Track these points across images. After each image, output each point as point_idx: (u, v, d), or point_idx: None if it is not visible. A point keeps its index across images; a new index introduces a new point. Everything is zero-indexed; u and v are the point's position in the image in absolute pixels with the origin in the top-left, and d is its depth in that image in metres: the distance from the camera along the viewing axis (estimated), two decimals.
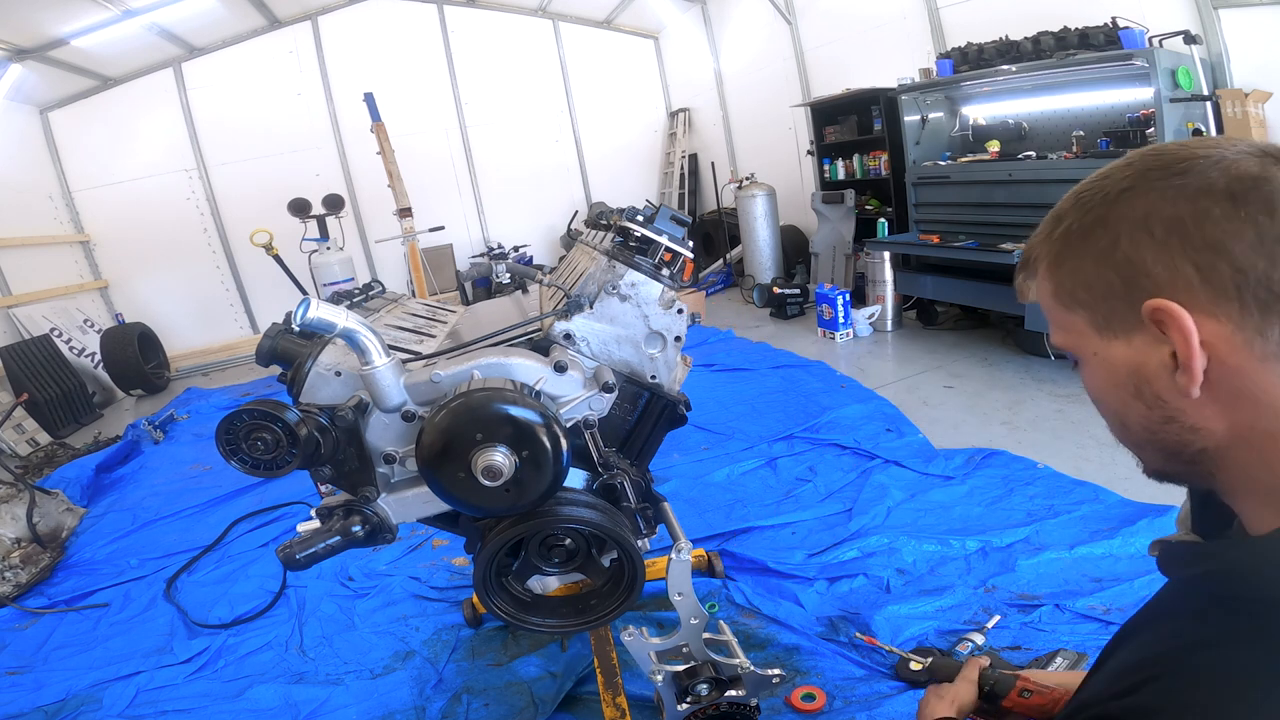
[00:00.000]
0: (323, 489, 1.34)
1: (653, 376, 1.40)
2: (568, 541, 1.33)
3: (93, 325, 7.10)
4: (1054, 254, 0.63)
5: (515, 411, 1.10)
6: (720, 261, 8.18)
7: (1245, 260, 0.51)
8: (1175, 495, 0.74)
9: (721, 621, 1.67)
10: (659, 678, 1.50)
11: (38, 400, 5.40)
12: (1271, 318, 0.51)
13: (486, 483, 1.09)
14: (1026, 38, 4.47)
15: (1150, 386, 0.57)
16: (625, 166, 9.68)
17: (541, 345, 1.38)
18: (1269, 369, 0.52)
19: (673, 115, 9.69)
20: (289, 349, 1.36)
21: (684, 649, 1.53)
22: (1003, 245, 4.08)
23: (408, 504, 1.31)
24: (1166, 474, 0.65)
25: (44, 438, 5.23)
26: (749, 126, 8.49)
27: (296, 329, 1.23)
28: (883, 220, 5.78)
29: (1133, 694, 0.56)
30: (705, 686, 1.49)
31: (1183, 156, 0.56)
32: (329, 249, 6.53)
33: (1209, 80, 3.81)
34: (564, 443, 1.13)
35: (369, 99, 6.14)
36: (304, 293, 5.94)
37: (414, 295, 4.65)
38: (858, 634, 1.99)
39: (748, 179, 7.39)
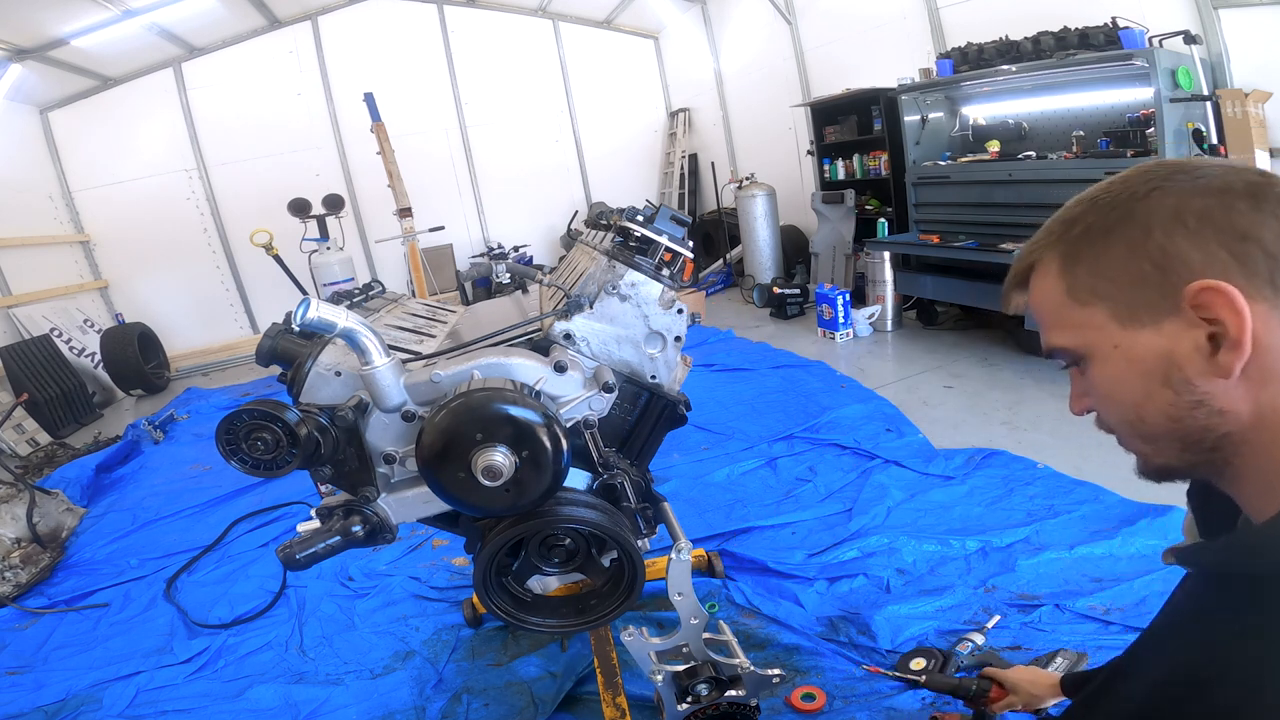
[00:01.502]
0: (323, 489, 1.34)
1: (653, 376, 1.40)
2: (568, 541, 1.33)
3: (93, 325, 7.10)
4: (1069, 253, 0.65)
5: (515, 411, 1.10)
6: (720, 261, 8.18)
7: (1274, 247, 0.55)
8: (1176, 495, 0.75)
9: (721, 621, 1.67)
10: (659, 678, 1.50)
11: (38, 400, 5.40)
12: None
13: (486, 483, 1.09)
14: (1026, 38, 4.47)
15: (1181, 371, 0.59)
16: (625, 166, 9.67)
17: (541, 345, 1.38)
18: None
19: (673, 115, 9.69)
20: (289, 349, 1.36)
21: (684, 649, 1.53)
22: (1003, 245, 4.08)
23: (408, 504, 1.31)
24: (1173, 469, 0.66)
25: (44, 438, 5.23)
26: (749, 126, 8.49)
27: (296, 329, 1.23)
28: (883, 220, 5.78)
29: (1204, 696, 0.57)
30: (705, 686, 1.49)
31: (1195, 164, 0.60)
32: (329, 249, 6.52)
33: (1209, 80, 3.81)
34: (564, 443, 1.13)
35: (369, 99, 6.14)
36: (304, 293, 5.94)
37: (414, 295, 4.65)
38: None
39: (748, 179, 7.39)
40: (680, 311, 1.38)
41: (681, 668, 1.51)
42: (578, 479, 1.36)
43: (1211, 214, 0.57)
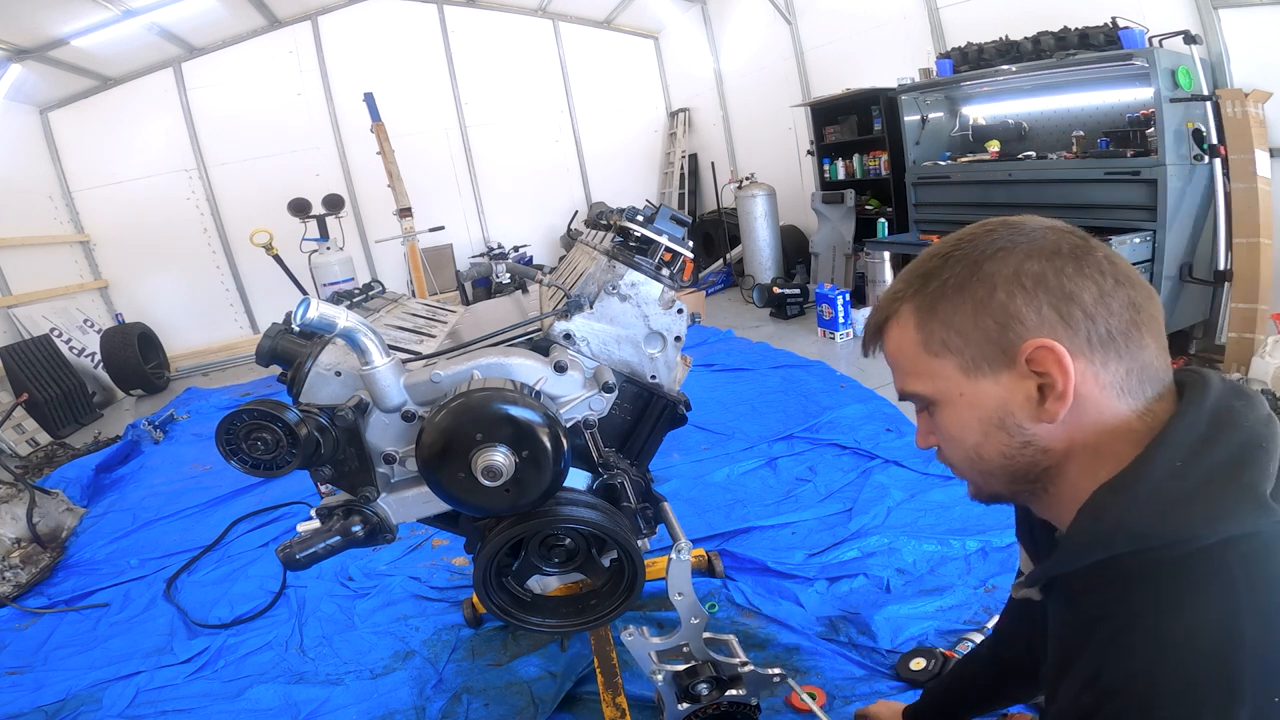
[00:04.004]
0: (323, 489, 1.33)
1: (653, 376, 1.40)
2: (568, 541, 1.33)
3: (93, 325, 7.10)
4: (926, 306, 0.71)
5: (515, 411, 1.10)
6: (720, 261, 8.18)
7: (1092, 309, 0.64)
8: None
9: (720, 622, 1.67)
10: (659, 678, 1.50)
11: (38, 400, 5.39)
12: (1110, 355, 0.65)
13: (486, 483, 1.09)
14: (1026, 38, 4.47)
15: (1013, 417, 0.68)
16: (625, 166, 9.67)
17: (541, 345, 1.38)
18: (1106, 395, 0.65)
19: (673, 115, 9.69)
20: (289, 349, 1.36)
21: (684, 649, 1.53)
22: None
23: (408, 504, 1.31)
24: (1000, 496, 0.78)
25: (44, 438, 5.23)
26: (749, 126, 8.49)
27: (296, 329, 1.23)
28: (883, 220, 5.78)
29: (1091, 687, 0.63)
30: (705, 686, 1.49)
31: (1030, 225, 0.69)
32: (329, 249, 6.53)
33: (1209, 80, 3.81)
34: (564, 443, 1.13)
35: (369, 99, 6.14)
36: (304, 293, 5.94)
37: (414, 295, 4.65)
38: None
39: (748, 179, 7.39)
40: (680, 311, 1.38)
41: (682, 667, 1.51)
42: (578, 479, 1.36)
43: (1044, 276, 0.65)
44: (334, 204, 6.59)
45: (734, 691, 1.52)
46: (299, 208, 6.35)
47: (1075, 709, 0.63)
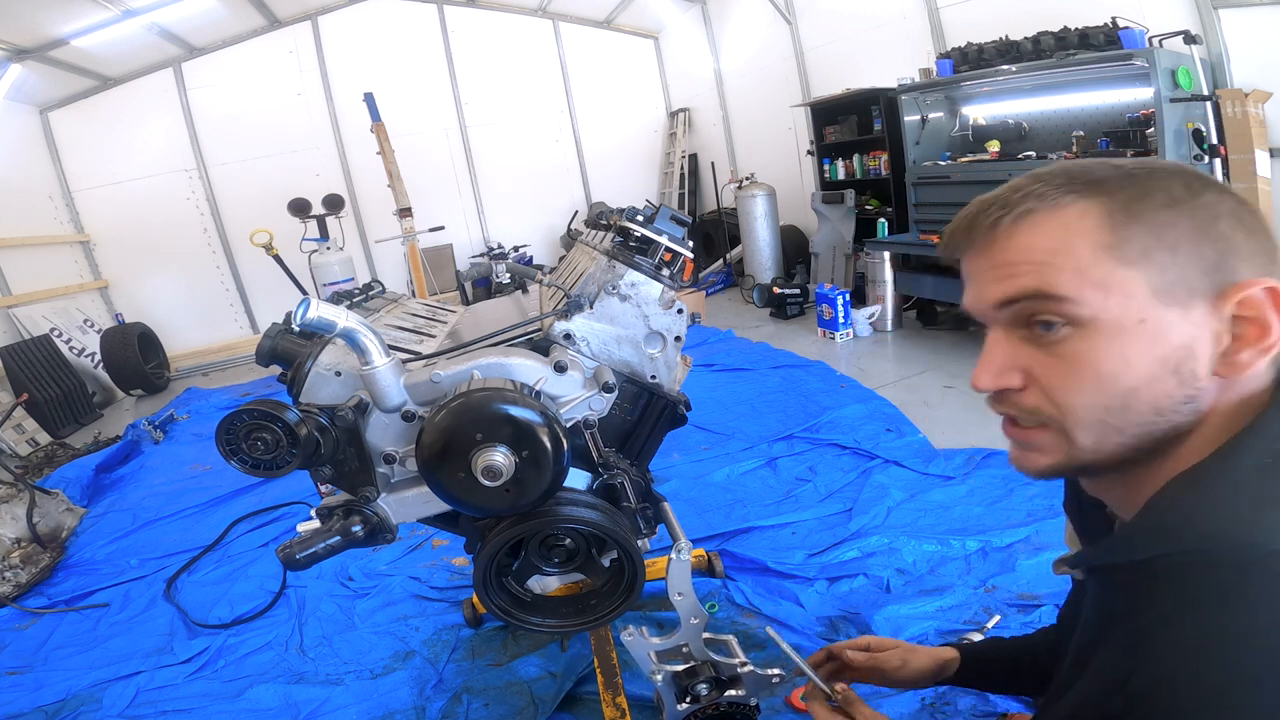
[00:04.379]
0: (323, 489, 1.33)
1: (653, 376, 1.40)
2: (568, 541, 1.33)
3: (93, 325, 7.10)
4: (1125, 209, 0.59)
5: (515, 411, 1.10)
6: (720, 261, 8.18)
7: None
8: None
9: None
10: (659, 678, 1.50)
11: (38, 400, 5.40)
12: None
13: (486, 483, 1.09)
14: (1026, 38, 4.47)
15: (1194, 362, 0.57)
16: (625, 166, 9.67)
17: (541, 345, 1.38)
18: (1270, 360, 0.59)
19: (673, 115, 9.69)
20: (289, 349, 1.36)
21: (684, 649, 1.53)
22: None
23: (408, 504, 1.31)
24: (1098, 466, 0.64)
25: (44, 438, 5.23)
26: (749, 126, 8.49)
27: (296, 329, 1.23)
28: (883, 220, 5.78)
29: (1120, 691, 0.57)
30: (705, 686, 1.49)
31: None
32: (329, 249, 6.53)
33: (1209, 80, 3.81)
34: (564, 443, 1.13)
35: (369, 99, 6.14)
36: (304, 293, 5.94)
37: (414, 295, 4.65)
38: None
39: (748, 179, 7.39)
40: (680, 311, 1.38)
41: (681, 668, 1.51)
42: (578, 479, 1.36)
43: (1259, 225, 0.60)
44: (334, 204, 6.60)
45: (733, 692, 1.52)
46: (299, 208, 6.36)
47: (1099, 712, 0.59)
